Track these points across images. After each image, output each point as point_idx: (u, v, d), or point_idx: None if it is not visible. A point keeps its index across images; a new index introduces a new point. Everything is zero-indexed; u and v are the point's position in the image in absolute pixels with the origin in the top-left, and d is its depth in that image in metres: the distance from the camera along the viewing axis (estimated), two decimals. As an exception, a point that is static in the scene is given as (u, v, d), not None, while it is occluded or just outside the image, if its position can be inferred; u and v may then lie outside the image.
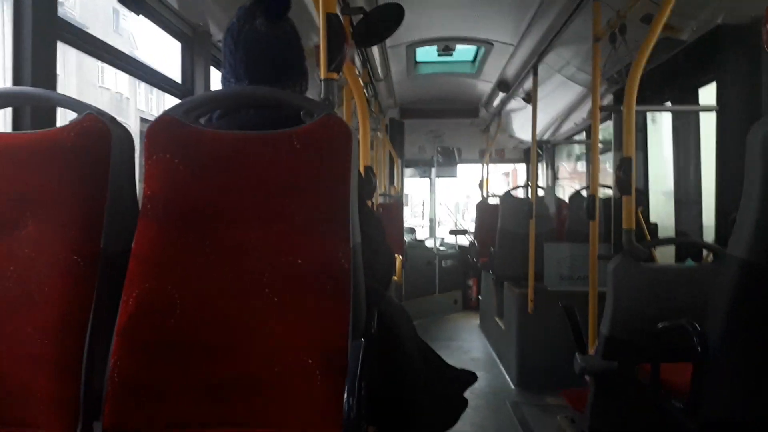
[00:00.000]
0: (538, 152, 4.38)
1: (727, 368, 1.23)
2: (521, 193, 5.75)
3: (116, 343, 1.12)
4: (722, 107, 2.85)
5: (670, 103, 3.55)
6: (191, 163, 1.20)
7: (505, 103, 5.73)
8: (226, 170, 1.20)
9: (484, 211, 6.47)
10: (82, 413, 1.12)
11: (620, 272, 2.06)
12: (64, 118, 1.37)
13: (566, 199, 5.67)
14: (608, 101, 3.99)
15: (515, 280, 4.37)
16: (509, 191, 5.48)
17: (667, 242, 3.64)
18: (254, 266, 1.17)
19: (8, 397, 1.13)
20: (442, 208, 9.04)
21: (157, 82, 2.50)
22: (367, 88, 4.44)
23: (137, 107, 20.66)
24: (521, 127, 6.42)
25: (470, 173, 8.68)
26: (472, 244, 6.82)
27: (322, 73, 1.61)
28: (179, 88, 2.61)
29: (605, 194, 4.23)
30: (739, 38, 2.71)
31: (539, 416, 3.41)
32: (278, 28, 1.40)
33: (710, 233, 3.13)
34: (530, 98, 4.35)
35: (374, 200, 4.01)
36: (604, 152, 4.92)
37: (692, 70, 3.14)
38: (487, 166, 7.12)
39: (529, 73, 4.24)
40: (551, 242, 3.95)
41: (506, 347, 4.45)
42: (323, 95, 1.61)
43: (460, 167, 7.74)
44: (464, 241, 7.58)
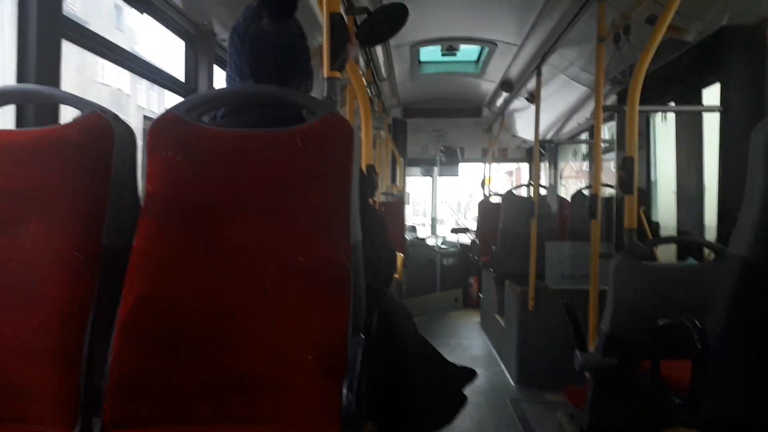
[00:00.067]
0: (540, 152, 4.38)
1: (727, 365, 1.23)
2: (524, 192, 5.74)
3: (116, 339, 1.12)
4: (726, 108, 2.85)
5: (673, 103, 3.55)
6: (193, 160, 1.21)
7: (508, 102, 5.73)
8: (227, 168, 1.21)
9: (485, 209, 6.48)
10: (81, 409, 1.12)
11: (621, 270, 2.06)
12: (67, 116, 1.38)
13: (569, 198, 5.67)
14: (611, 101, 3.99)
15: (516, 278, 4.36)
16: (511, 190, 5.49)
17: (668, 241, 3.64)
18: (255, 263, 1.17)
19: (8, 392, 1.13)
20: (444, 206, 9.04)
21: (160, 80, 2.50)
22: (370, 87, 4.44)
23: (138, 104, 20.35)
24: (524, 126, 6.42)
25: (473, 172, 8.70)
26: (473, 242, 6.82)
27: (324, 71, 1.62)
28: (182, 86, 2.62)
29: (607, 193, 4.22)
30: (743, 39, 2.71)
31: (539, 413, 3.41)
32: (284, 27, 1.41)
33: (712, 233, 3.13)
34: (533, 98, 4.35)
35: (376, 199, 4.02)
36: (607, 152, 4.92)
37: (696, 70, 3.14)
38: (489, 165, 7.12)
39: (532, 73, 4.24)
40: (553, 241, 3.95)
41: (507, 345, 4.45)
42: (326, 94, 1.62)
43: (462, 166, 7.75)
44: (466, 239, 7.59)
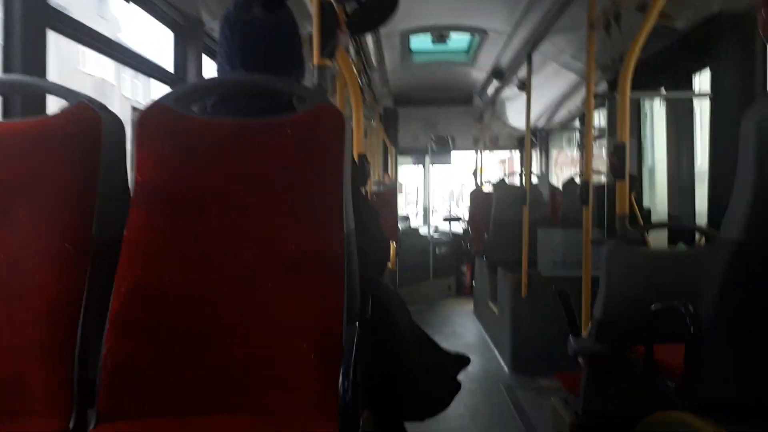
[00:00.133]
0: (532, 140, 4.37)
1: (719, 348, 1.24)
2: (518, 180, 5.75)
3: (109, 330, 1.11)
4: (716, 94, 2.86)
5: (664, 89, 3.55)
6: (182, 150, 1.20)
7: (499, 91, 5.72)
8: (217, 157, 1.20)
9: (477, 198, 6.49)
10: (76, 401, 1.11)
11: (613, 256, 2.07)
12: (53, 106, 1.36)
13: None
14: (602, 89, 3.99)
15: (509, 265, 4.37)
16: (503, 179, 5.50)
17: (659, 226, 3.66)
18: (247, 252, 1.17)
19: (2, 386, 1.12)
20: (436, 195, 9.07)
21: (149, 71, 2.48)
22: (360, 76, 4.42)
23: (122, 94, 19.58)
24: (515, 115, 6.42)
25: (465, 161, 8.71)
26: (465, 230, 6.84)
27: (315, 59, 1.61)
28: (171, 77, 2.60)
29: (599, 180, 4.23)
30: (734, 25, 2.71)
31: (533, 399, 3.43)
32: (275, 16, 1.39)
33: (703, 218, 3.15)
34: (524, 86, 4.35)
35: (368, 189, 4.01)
36: (599, 138, 4.93)
37: (686, 57, 3.14)
38: (481, 153, 7.12)
39: (523, 61, 4.24)
40: (545, 227, 3.96)
41: (500, 332, 4.46)
42: (317, 82, 1.61)
43: (454, 155, 7.76)
44: (458, 228, 7.61)
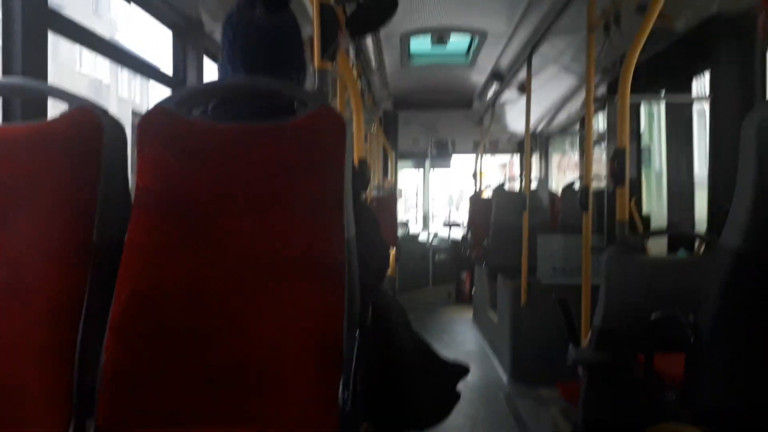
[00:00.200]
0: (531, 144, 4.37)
1: (719, 357, 1.23)
2: (517, 185, 5.74)
3: (109, 336, 1.11)
4: (716, 97, 2.85)
5: (664, 92, 3.55)
6: (184, 154, 1.19)
7: (499, 94, 5.71)
8: (219, 161, 1.20)
9: (477, 204, 6.47)
10: (75, 409, 1.10)
11: (613, 264, 2.06)
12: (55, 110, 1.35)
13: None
14: (602, 91, 3.98)
15: (508, 272, 4.35)
16: (502, 184, 5.49)
17: (660, 233, 3.64)
18: (248, 258, 1.16)
19: (0, 392, 1.11)
20: (435, 201, 9.06)
21: (149, 72, 2.47)
22: (360, 80, 4.41)
23: (119, 96, 19.22)
24: (515, 118, 6.41)
25: (464, 166, 8.70)
26: (464, 236, 6.82)
27: (315, 62, 1.60)
28: (171, 79, 2.59)
29: (598, 186, 4.22)
30: (733, 27, 2.71)
31: (532, 408, 3.41)
32: (278, 18, 1.39)
33: (703, 225, 3.14)
34: (524, 89, 4.34)
35: (368, 193, 4.00)
36: (599, 143, 4.93)
37: (686, 59, 3.14)
38: (480, 158, 7.11)
39: (523, 63, 4.23)
40: (544, 234, 3.95)
41: (499, 340, 4.45)
42: (317, 86, 1.60)
43: (454, 159, 7.75)
44: (458, 234, 7.59)
